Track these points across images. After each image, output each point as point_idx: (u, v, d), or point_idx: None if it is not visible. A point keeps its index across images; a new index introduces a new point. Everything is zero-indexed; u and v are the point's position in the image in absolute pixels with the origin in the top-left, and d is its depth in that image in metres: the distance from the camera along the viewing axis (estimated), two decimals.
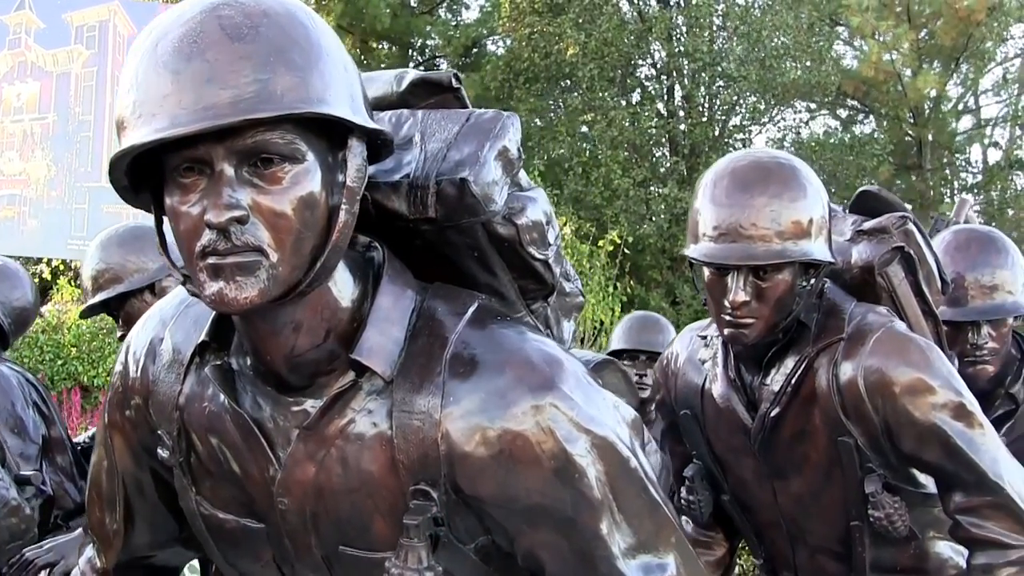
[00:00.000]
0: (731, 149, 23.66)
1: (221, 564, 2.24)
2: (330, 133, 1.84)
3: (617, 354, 5.72)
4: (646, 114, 25.21)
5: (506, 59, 26.25)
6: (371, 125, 1.86)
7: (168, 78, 1.71)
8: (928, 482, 3.39)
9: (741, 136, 26.19)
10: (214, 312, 2.02)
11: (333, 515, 1.98)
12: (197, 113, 1.68)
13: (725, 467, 3.60)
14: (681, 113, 26.28)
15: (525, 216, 2.10)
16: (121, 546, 2.38)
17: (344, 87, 1.82)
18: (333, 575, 2.06)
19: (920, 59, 27.66)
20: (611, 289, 16.60)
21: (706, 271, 3.24)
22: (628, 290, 18.39)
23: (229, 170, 1.74)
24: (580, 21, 24.45)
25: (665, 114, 26.22)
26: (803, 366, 3.29)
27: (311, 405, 1.96)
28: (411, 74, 2.19)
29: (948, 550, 3.49)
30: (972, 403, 3.23)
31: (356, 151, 1.85)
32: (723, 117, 26.39)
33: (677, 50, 25.64)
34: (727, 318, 3.21)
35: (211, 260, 1.75)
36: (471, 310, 1.98)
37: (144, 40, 1.79)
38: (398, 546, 1.90)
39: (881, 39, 26.74)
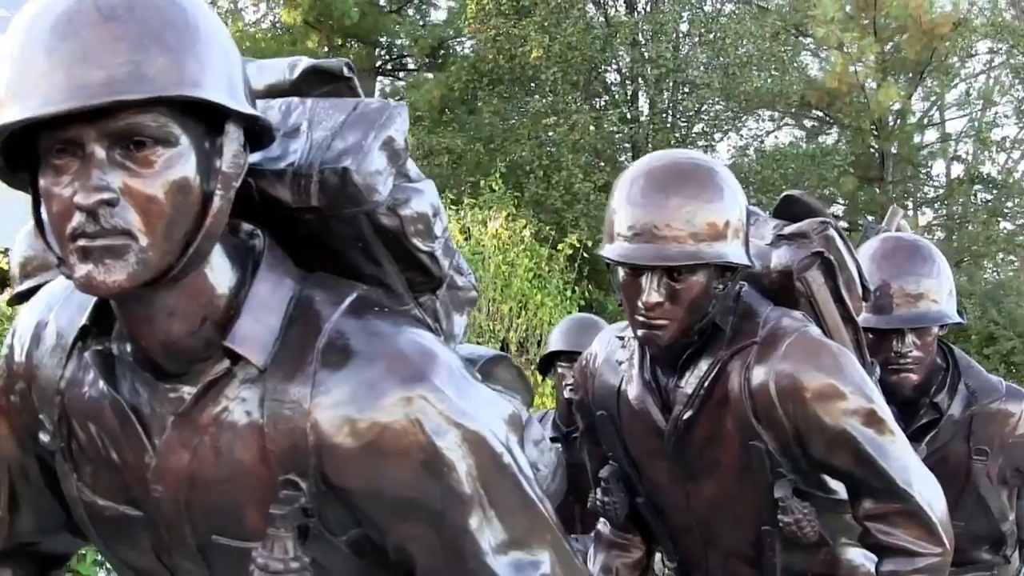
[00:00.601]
0: None
1: (104, 552, 2.21)
2: (207, 118, 1.81)
3: (555, 356, 5.70)
4: (609, 119, 25.26)
5: (471, 60, 26.27)
6: (248, 110, 1.83)
7: (42, 57, 1.69)
8: (839, 488, 3.38)
9: (704, 143, 26.27)
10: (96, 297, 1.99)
11: (206, 504, 1.96)
12: (69, 93, 1.66)
13: (640, 469, 3.57)
14: (644, 119, 26.31)
15: (410, 207, 2.07)
16: (6, 533, 2.34)
17: (222, 71, 1.79)
18: (208, 564, 2.04)
19: (885, 72, 27.73)
20: (569, 293, 16.55)
21: (621, 272, 3.21)
22: (586, 294, 18.34)
23: (100, 152, 1.71)
24: (546, 24, 24.47)
25: (628, 119, 26.24)
26: (716, 369, 3.26)
27: (187, 392, 1.93)
28: (304, 62, 2.16)
29: (859, 556, 3.47)
30: (883, 410, 3.22)
31: (233, 136, 1.83)
32: (686, 124, 26.44)
33: (642, 56, 25.67)
34: (641, 319, 3.18)
35: (81, 243, 1.72)
36: (349, 300, 1.96)
37: (22, 18, 1.76)
38: (265, 536, 1.88)
39: (846, 50, 26.80)
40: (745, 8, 26.48)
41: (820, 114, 30.52)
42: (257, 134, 1.90)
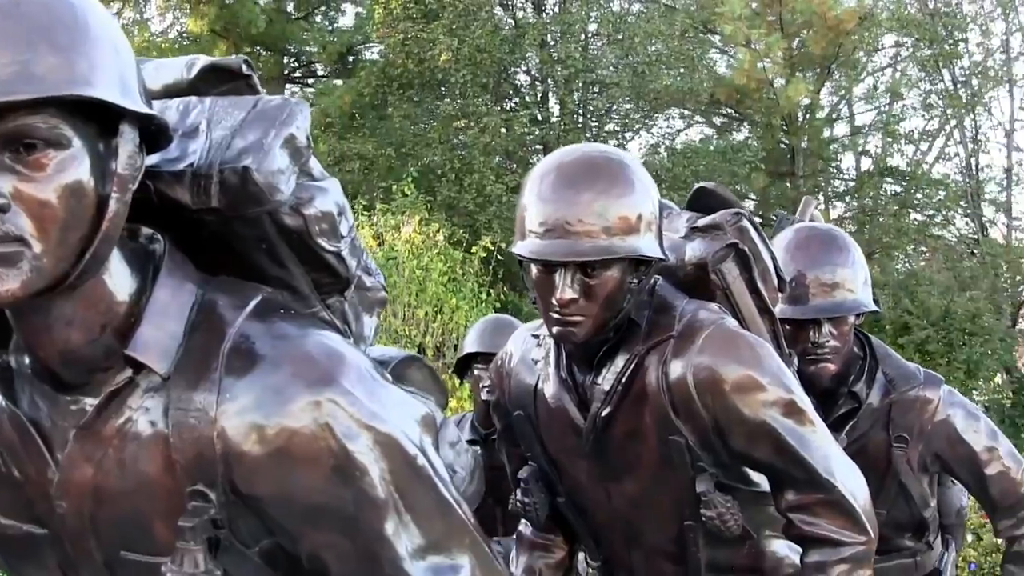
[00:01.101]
0: None
1: (9, 573, 2.14)
2: (100, 118, 1.74)
3: (471, 358, 5.66)
4: (519, 120, 25.27)
5: (380, 65, 26.21)
6: (142, 109, 1.77)
7: None
8: (761, 480, 3.36)
9: (615, 142, 26.29)
10: None
11: (112, 518, 1.90)
12: None
13: (559, 469, 3.53)
14: (555, 119, 26.35)
15: (314, 206, 2.02)
16: None
17: (114, 69, 1.73)
18: None
19: (792, 68, 27.93)
20: (484, 296, 16.56)
21: (534, 269, 3.16)
22: (502, 296, 18.34)
23: None
24: (454, 27, 24.46)
25: (539, 120, 26.27)
26: (633, 364, 3.23)
27: (88, 404, 1.86)
28: (201, 60, 2.10)
29: (784, 548, 3.46)
30: (803, 400, 3.20)
31: (128, 137, 1.76)
32: (597, 124, 26.50)
33: (551, 56, 25.72)
34: (555, 316, 3.14)
35: None
36: (253, 303, 1.91)
37: None
38: (175, 550, 1.82)
39: (754, 47, 26.96)
40: (653, 7, 26.57)
41: (730, 111, 30.69)
42: (154, 135, 1.84)
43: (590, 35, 26.78)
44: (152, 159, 1.88)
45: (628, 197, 3.11)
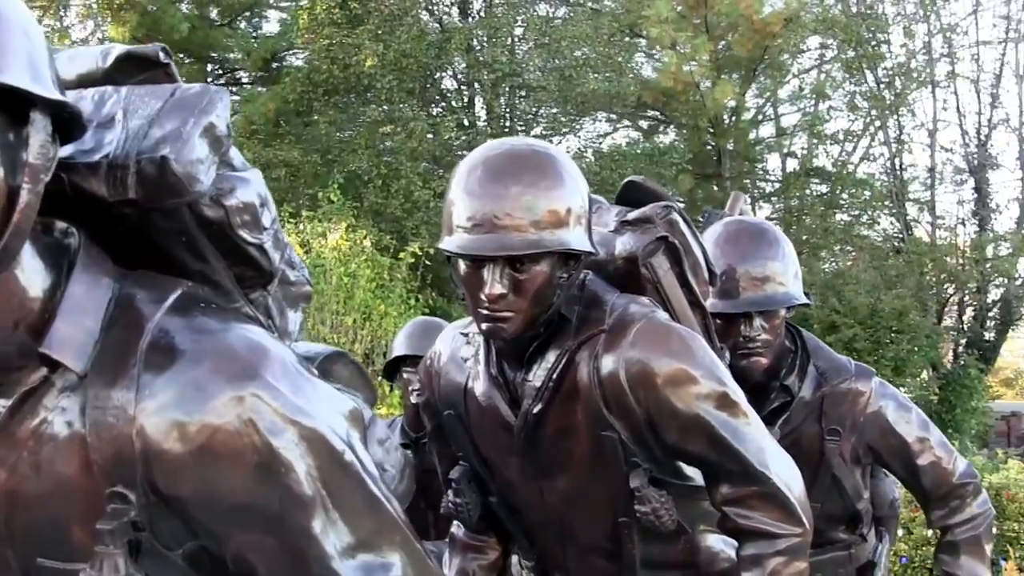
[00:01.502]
0: None
1: None
2: (10, 105, 1.67)
3: (400, 361, 5.61)
4: (446, 125, 25.23)
5: (305, 71, 26.10)
6: (54, 96, 1.69)
7: None
8: (695, 475, 3.33)
9: None
10: None
11: (28, 524, 1.82)
12: None
13: (491, 468, 3.48)
14: (482, 124, 26.32)
15: (235, 197, 1.96)
16: None
17: (23, 54, 1.65)
18: None
19: (718, 70, 28.06)
20: (413, 301, 16.54)
21: (462, 264, 3.11)
22: (430, 302, 18.33)
23: None
24: (379, 32, 24.42)
25: (465, 125, 26.23)
26: (564, 360, 3.19)
27: (1, 405, 1.79)
28: (117, 49, 2.03)
29: (719, 543, 3.43)
30: (736, 392, 3.17)
31: (39, 126, 1.69)
32: (524, 128, 26.49)
33: (477, 61, 25.69)
34: (484, 312, 3.09)
35: None
36: (172, 297, 1.84)
37: None
38: (93, 555, 1.74)
39: (680, 50, 27.07)
40: (579, 11, 26.61)
41: (656, 114, 30.78)
42: (67, 124, 1.77)
43: (516, 39, 26.78)
44: (66, 150, 1.82)
45: (556, 190, 3.06)
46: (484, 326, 3.13)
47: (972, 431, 26.32)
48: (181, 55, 28.13)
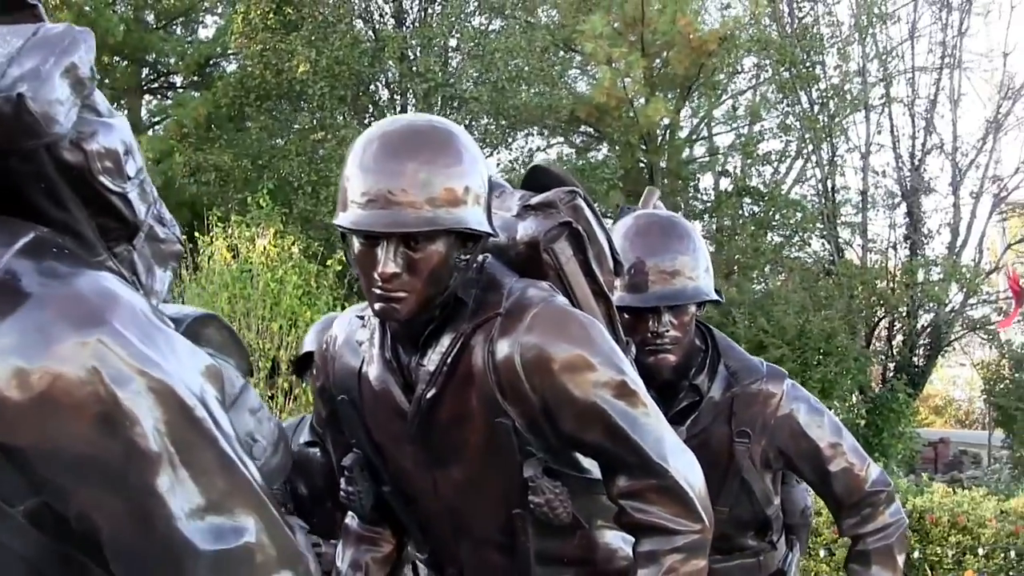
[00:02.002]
0: None
1: None
2: None
3: (310, 356, 5.47)
4: None
5: (238, 76, 25.99)
6: None
7: None
8: (593, 467, 3.22)
9: None
10: None
11: None
12: None
13: (384, 456, 3.37)
14: None
15: (97, 142, 1.89)
16: None
17: None
18: None
19: (653, 87, 28.10)
20: (339, 309, 16.39)
21: (356, 242, 3.01)
22: None
23: None
24: (313, 39, 24.37)
25: None
26: (459, 344, 3.09)
27: None
28: None
29: (617, 540, 3.32)
30: (635, 381, 3.06)
31: None
32: None
33: (411, 70, 25.61)
34: (377, 292, 2.98)
35: None
36: (23, 240, 1.74)
37: None
38: None
39: (615, 66, 27.08)
40: (514, 23, 26.58)
41: (590, 130, 30.79)
42: None
43: (450, 50, 26.73)
44: None
45: (455, 168, 2.98)
46: (377, 306, 3.03)
47: (899, 456, 26.44)
48: (116, 57, 28.02)
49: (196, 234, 18.01)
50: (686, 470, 3.08)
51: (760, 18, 29.23)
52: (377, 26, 26.89)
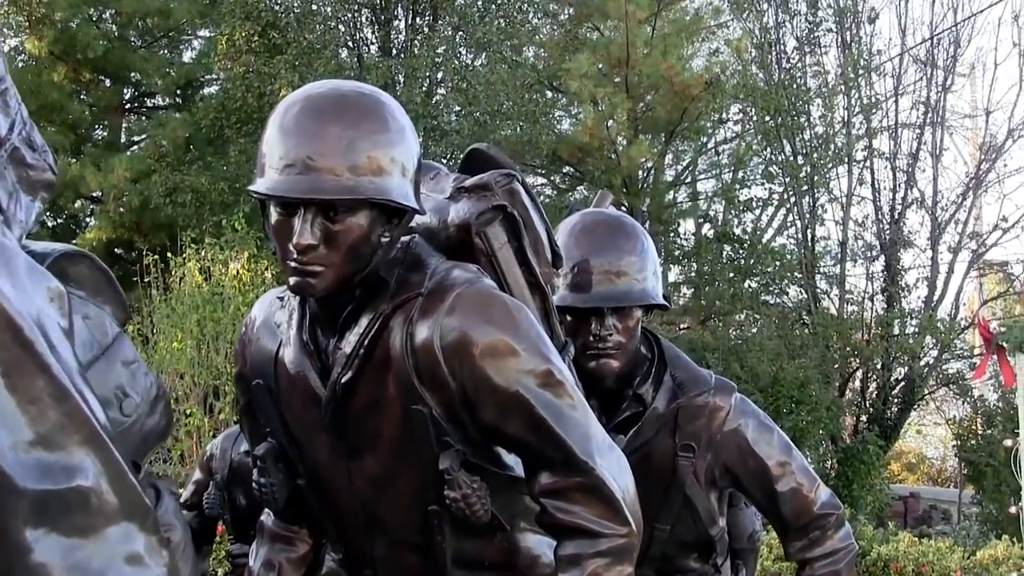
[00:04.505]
0: None
1: None
2: None
3: None
4: None
5: (219, 98, 25.86)
6: None
7: None
8: (516, 464, 3.04)
9: None
10: None
11: None
12: None
13: (300, 446, 3.19)
14: None
15: None
16: None
17: None
18: None
19: (636, 129, 28.04)
20: None
21: (273, 211, 2.86)
22: None
23: None
24: (297, 64, 24.18)
25: None
26: (377, 325, 2.92)
27: None
28: None
29: (542, 545, 3.11)
30: (562, 371, 2.90)
31: None
32: None
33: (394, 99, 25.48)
34: (293, 265, 2.82)
35: None
36: None
37: None
38: None
39: (599, 107, 27.02)
40: (499, 59, 26.49)
41: (571, 170, 30.68)
42: None
43: (435, 83, 26.62)
44: None
45: (380, 135, 2.84)
46: (292, 280, 2.87)
47: (868, 508, 26.29)
48: (98, 75, 27.93)
49: (169, 255, 17.86)
50: (614, 470, 2.91)
51: (747, 65, 29.23)
52: (363, 54, 26.79)
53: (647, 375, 4.02)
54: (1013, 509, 13.36)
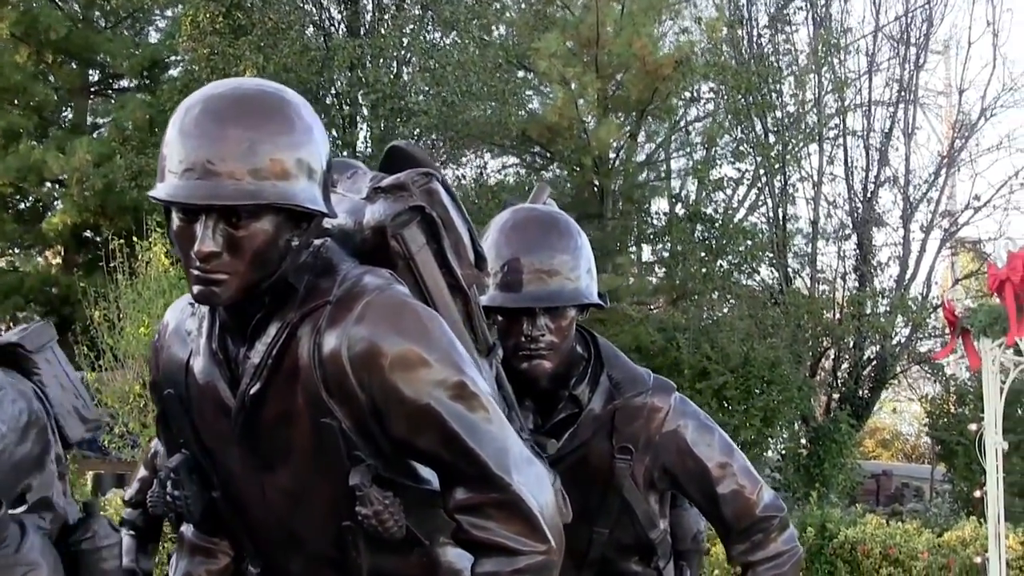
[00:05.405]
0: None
1: None
2: None
3: None
4: None
5: (183, 80, 25.63)
6: None
7: None
8: (434, 477, 2.90)
9: None
10: None
11: None
12: None
13: (213, 457, 3.06)
14: (361, 145, 25.92)
15: None
16: None
17: None
18: None
19: (606, 109, 27.91)
20: None
21: (175, 217, 2.72)
22: None
23: None
24: (262, 45, 24.05)
25: (345, 144, 25.77)
26: (284, 334, 2.79)
27: None
28: None
29: (463, 560, 2.95)
30: (476, 383, 2.77)
31: None
32: None
33: (360, 79, 25.30)
34: (196, 273, 2.70)
35: None
36: None
37: None
38: None
39: (569, 86, 26.89)
40: (468, 38, 26.32)
41: (541, 149, 30.54)
42: None
43: (402, 62, 26.45)
44: None
45: (284, 137, 2.71)
46: (195, 289, 2.75)
47: (839, 487, 26.30)
48: (62, 57, 27.73)
49: (135, 239, 17.67)
50: (532, 485, 2.78)
51: (718, 43, 29.11)
52: (329, 34, 26.59)
53: (583, 375, 3.89)
54: (978, 493, 13.27)
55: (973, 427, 12.29)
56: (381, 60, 25.14)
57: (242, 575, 3.40)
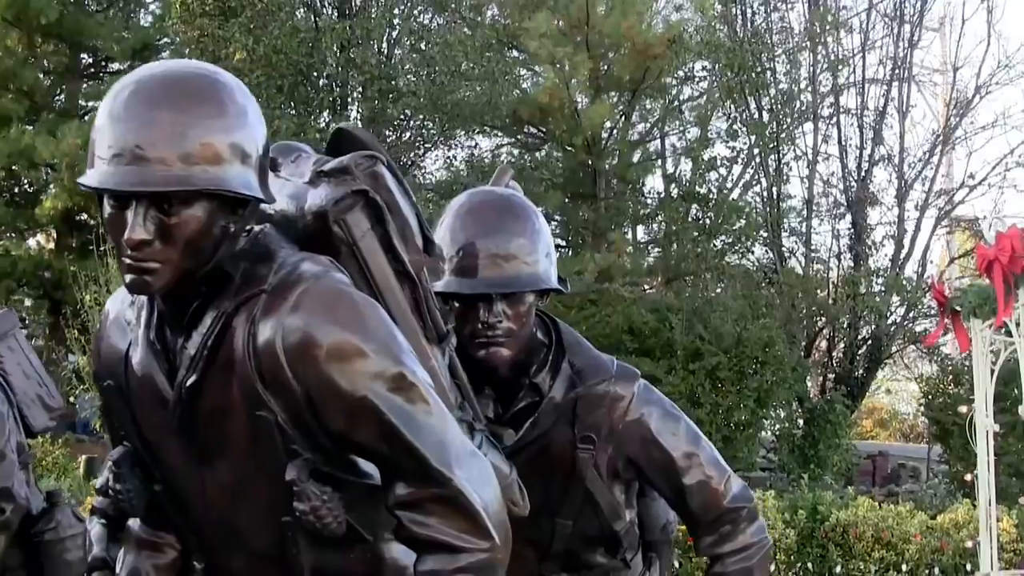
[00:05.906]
0: (403, 166, 23.52)
1: None
2: None
3: None
4: (313, 125, 24.71)
5: None
6: None
7: None
8: (376, 471, 2.80)
9: (412, 154, 25.94)
10: None
11: None
12: None
13: (153, 451, 2.96)
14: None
15: None
16: None
17: None
18: None
19: (598, 89, 27.81)
20: None
21: (107, 204, 2.64)
22: None
23: None
24: (252, 27, 23.96)
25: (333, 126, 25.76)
26: (220, 324, 2.71)
27: None
28: None
29: (410, 556, 2.86)
30: (416, 374, 2.68)
31: None
32: (393, 133, 26.04)
33: (350, 61, 25.21)
34: (127, 262, 2.62)
35: None
36: None
37: None
38: None
39: (560, 67, 26.78)
40: (457, 18, 26.23)
41: (533, 130, 30.44)
42: None
43: (392, 43, 26.35)
44: None
45: (217, 120, 2.61)
46: (127, 278, 2.66)
47: (835, 468, 26.25)
48: (53, 40, 27.64)
49: None
50: (475, 480, 2.69)
51: (711, 21, 28.99)
52: (319, 15, 26.50)
53: (544, 363, 3.78)
54: (969, 476, 13.20)
55: (964, 409, 12.21)
56: (371, 41, 25.01)
57: (190, 569, 3.32)
